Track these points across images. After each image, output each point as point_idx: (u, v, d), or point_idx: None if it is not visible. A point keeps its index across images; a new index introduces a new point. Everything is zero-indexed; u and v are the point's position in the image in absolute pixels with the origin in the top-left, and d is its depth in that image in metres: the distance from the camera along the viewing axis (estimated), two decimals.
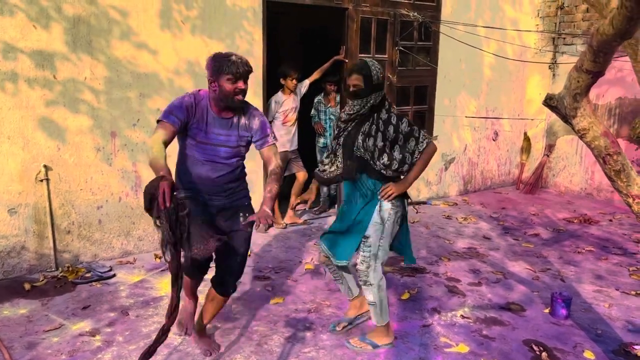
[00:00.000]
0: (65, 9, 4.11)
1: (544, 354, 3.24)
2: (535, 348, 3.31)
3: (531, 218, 6.32)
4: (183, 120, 2.76)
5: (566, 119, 2.16)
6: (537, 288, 4.25)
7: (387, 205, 3.12)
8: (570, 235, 5.69)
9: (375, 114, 3.12)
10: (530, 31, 7.52)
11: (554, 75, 7.68)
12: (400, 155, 3.10)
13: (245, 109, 2.94)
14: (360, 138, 3.11)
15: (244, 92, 2.81)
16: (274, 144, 2.96)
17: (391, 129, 3.10)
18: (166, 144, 2.63)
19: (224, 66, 2.72)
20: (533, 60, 7.56)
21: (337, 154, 3.22)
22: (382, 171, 3.11)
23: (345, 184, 3.29)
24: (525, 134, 7.94)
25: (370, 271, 3.16)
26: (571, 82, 2.07)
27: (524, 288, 4.25)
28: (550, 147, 7.79)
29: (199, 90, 2.92)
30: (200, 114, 2.83)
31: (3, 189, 4.04)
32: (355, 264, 3.26)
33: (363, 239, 3.16)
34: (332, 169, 3.24)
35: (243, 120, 2.91)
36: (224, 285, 3.02)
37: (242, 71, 2.76)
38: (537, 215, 6.43)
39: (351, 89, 3.11)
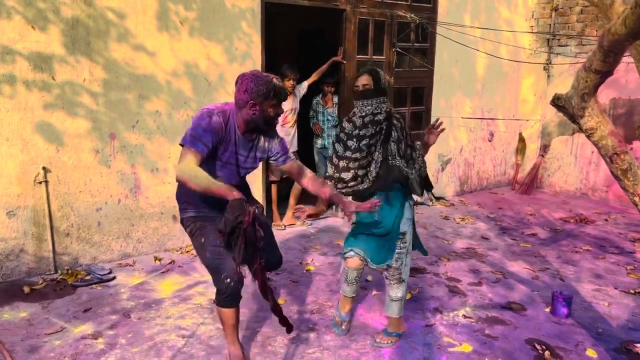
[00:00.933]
0: (63, 10, 4.09)
1: (546, 353, 3.26)
2: (538, 347, 3.33)
3: (528, 218, 6.35)
4: (212, 147, 2.61)
5: (574, 118, 2.17)
6: (537, 287, 4.28)
7: (412, 202, 3.28)
8: (567, 234, 5.73)
9: (392, 121, 3.18)
10: (525, 32, 7.58)
11: (548, 76, 7.74)
12: (412, 163, 3.27)
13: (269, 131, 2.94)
14: (394, 147, 3.14)
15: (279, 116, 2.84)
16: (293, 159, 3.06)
17: (404, 133, 3.22)
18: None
19: (272, 92, 2.67)
20: (528, 61, 7.62)
21: (370, 168, 3.12)
22: (410, 175, 3.19)
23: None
24: (520, 134, 7.99)
25: (403, 267, 3.25)
26: (579, 82, 2.08)
27: (524, 287, 4.27)
28: (545, 148, 7.85)
29: (225, 105, 2.79)
30: (229, 133, 2.72)
31: (2, 191, 4.01)
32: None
33: (400, 236, 3.20)
34: (360, 184, 3.14)
35: (262, 142, 2.91)
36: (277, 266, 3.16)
37: (284, 97, 2.76)
38: (534, 215, 6.47)
39: (360, 88, 3.13)
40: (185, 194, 2.83)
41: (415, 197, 3.43)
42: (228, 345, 2.99)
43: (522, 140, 7.99)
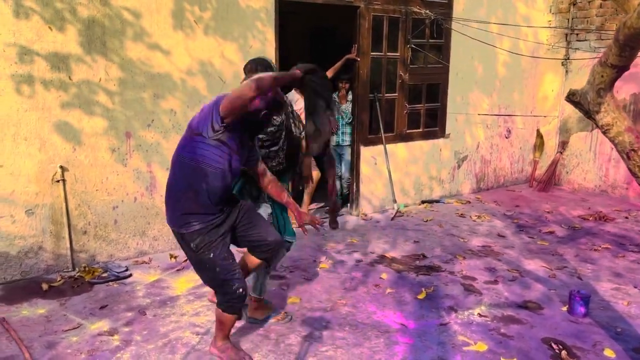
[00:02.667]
0: (79, 10, 4.13)
1: (563, 352, 3.21)
2: (555, 346, 3.29)
3: (545, 216, 6.27)
4: None
5: (589, 114, 2.13)
6: (554, 286, 4.22)
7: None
8: (585, 232, 5.64)
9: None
10: (543, 27, 7.47)
11: (567, 71, 7.62)
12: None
13: None
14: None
15: None
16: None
17: None
18: None
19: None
20: (546, 56, 7.51)
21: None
22: None
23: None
24: (538, 131, 7.89)
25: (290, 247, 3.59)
26: (595, 77, 2.04)
27: (541, 286, 4.22)
28: (563, 144, 7.74)
29: None
30: None
31: (21, 189, 4.07)
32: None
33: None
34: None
35: None
36: (278, 246, 3.11)
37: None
38: (552, 213, 6.39)
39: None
40: (191, 204, 2.76)
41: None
42: (222, 340, 3.04)
43: (540, 136, 7.88)
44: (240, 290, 2.83)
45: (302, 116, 5.63)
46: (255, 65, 3.32)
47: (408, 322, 3.58)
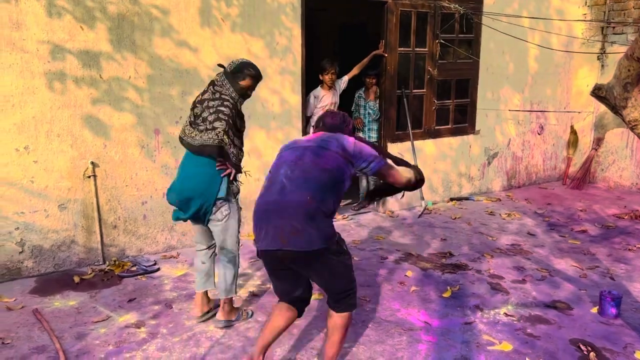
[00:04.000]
0: (109, 9, 4.22)
1: (592, 354, 3.13)
2: (583, 348, 3.21)
3: (578, 214, 6.11)
4: None
5: (616, 109, 2.06)
6: (584, 286, 4.12)
7: None
8: (620, 231, 5.48)
9: None
10: (577, 21, 7.26)
11: (602, 66, 7.40)
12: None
13: None
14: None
15: None
16: None
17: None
18: None
19: None
20: (580, 50, 7.31)
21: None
22: None
23: None
24: (571, 127, 7.69)
25: None
26: (621, 71, 1.97)
27: (571, 286, 4.12)
28: (598, 141, 7.52)
29: None
30: None
31: (53, 185, 4.20)
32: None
33: None
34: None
35: None
36: None
37: None
38: (585, 211, 6.22)
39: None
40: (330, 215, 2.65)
41: None
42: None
43: (574, 133, 7.68)
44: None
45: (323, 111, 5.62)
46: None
47: (432, 321, 3.55)
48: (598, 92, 2.10)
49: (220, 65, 3.37)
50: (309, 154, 2.66)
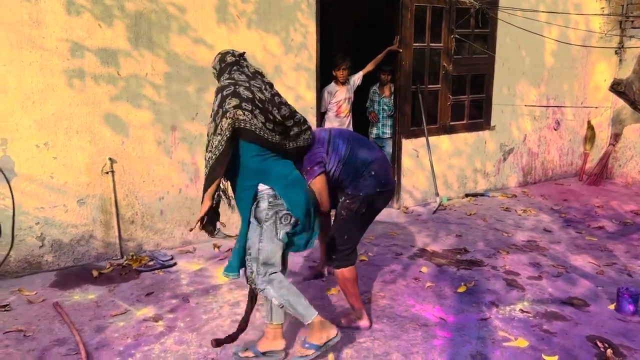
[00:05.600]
0: (127, 6, 4.26)
1: (609, 351, 3.11)
2: (600, 344, 3.19)
3: (595, 210, 6.06)
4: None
5: (635, 105, 2.05)
6: (601, 283, 4.09)
7: (263, 205, 2.83)
8: (638, 228, 5.42)
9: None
10: (595, 15, 7.17)
11: (620, 60, 7.31)
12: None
13: None
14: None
15: None
16: None
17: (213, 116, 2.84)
18: None
19: None
20: (598, 45, 7.22)
21: None
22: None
23: None
24: (588, 122, 7.61)
25: (255, 276, 2.87)
26: None
27: (588, 282, 4.09)
28: (616, 136, 7.43)
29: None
30: None
31: (73, 180, 4.26)
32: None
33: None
34: None
35: None
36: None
37: None
38: (602, 208, 6.16)
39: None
40: None
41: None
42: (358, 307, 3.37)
43: (591, 128, 7.60)
44: None
45: (339, 107, 5.63)
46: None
47: (447, 316, 3.55)
48: (617, 87, 2.09)
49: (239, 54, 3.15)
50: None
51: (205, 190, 2.80)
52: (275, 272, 2.90)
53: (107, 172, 4.38)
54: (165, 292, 3.92)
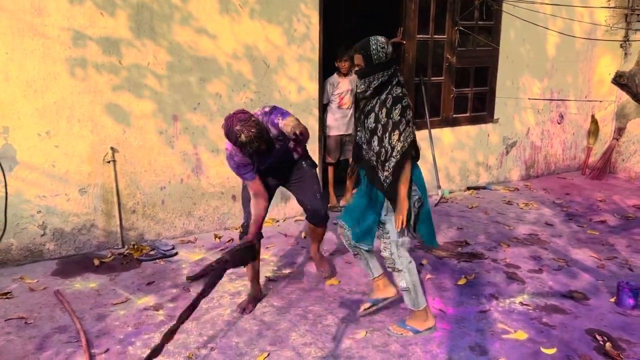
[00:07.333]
0: None
1: (608, 344, 3.11)
2: (599, 338, 3.19)
3: (597, 204, 6.04)
4: (255, 167, 3.24)
5: (637, 97, 2.04)
6: (602, 277, 4.08)
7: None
8: None
9: (378, 95, 3.01)
10: (600, 7, 7.12)
11: (625, 54, 7.27)
12: (377, 148, 2.99)
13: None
14: (361, 117, 3.09)
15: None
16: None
17: (383, 112, 2.96)
18: None
19: (238, 144, 2.94)
20: (603, 38, 7.17)
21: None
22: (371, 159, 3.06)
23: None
24: (592, 116, 7.57)
25: (395, 258, 3.09)
26: None
27: (588, 276, 4.09)
28: (620, 130, 7.40)
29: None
30: (251, 157, 3.16)
31: (74, 169, 4.27)
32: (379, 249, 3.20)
33: (380, 226, 3.14)
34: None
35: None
36: (316, 217, 3.66)
37: (252, 149, 2.94)
38: (604, 202, 6.15)
39: (356, 68, 3.09)
40: None
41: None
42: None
43: (594, 122, 7.56)
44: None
45: (341, 98, 5.61)
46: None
47: (447, 308, 3.56)
48: (619, 80, 2.08)
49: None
50: None
51: (398, 191, 2.99)
52: (411, 260, 3.15)
53: (109, 162, 4.38)
54: (166, 281, 3.93)
